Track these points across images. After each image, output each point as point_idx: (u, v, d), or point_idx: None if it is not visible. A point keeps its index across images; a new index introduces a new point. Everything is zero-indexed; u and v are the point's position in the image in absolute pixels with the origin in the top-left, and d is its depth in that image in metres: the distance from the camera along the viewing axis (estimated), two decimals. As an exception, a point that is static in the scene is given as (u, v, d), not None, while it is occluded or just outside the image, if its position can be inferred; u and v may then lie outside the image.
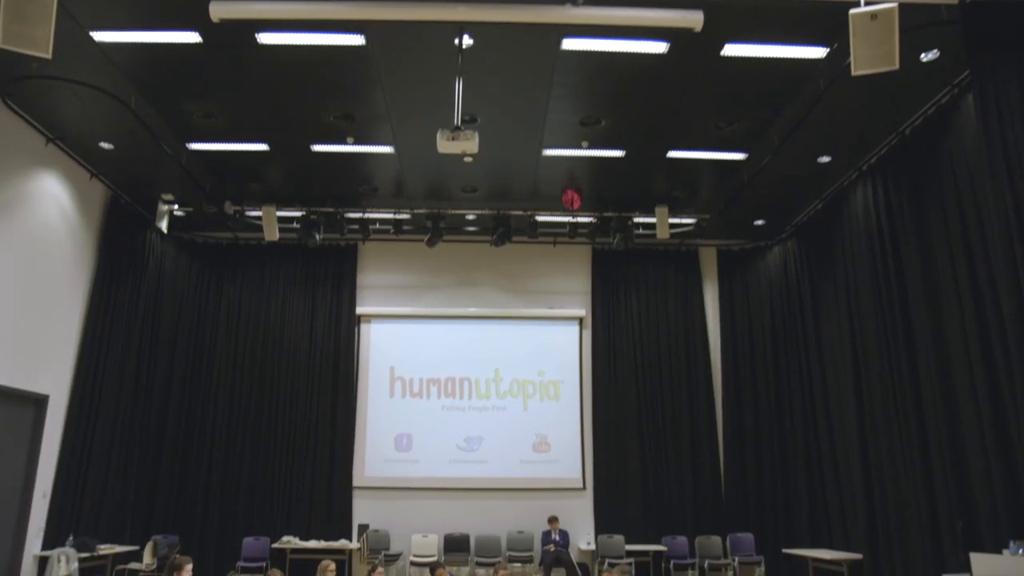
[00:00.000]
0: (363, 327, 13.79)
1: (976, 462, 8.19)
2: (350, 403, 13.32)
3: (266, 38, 8.06)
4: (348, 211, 12.58)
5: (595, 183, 11.88)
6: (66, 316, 10.91)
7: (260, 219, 12.34)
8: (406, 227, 13.01)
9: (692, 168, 11.32)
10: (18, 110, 9.51)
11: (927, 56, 8.19)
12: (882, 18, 6.08)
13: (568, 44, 8.15)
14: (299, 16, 7.12)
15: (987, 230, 7.92)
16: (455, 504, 12.98)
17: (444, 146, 7.51)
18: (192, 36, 8.04)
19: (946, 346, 8.78)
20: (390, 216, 12.76)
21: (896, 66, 6.29)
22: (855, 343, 10.81)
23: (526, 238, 13.26)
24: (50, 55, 5.95)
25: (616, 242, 12.58)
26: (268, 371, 13.34)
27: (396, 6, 7.09)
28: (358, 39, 8.04)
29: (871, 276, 10.31)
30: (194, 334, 13.39)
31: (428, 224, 12.51)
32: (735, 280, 14.06)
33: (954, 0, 7.23)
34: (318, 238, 12.48)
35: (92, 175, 11.26)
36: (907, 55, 6.91)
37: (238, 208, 12.41)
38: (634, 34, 7.96)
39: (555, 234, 13.50)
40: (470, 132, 7.42)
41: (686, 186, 11.97)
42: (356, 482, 13.05)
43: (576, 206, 11.86)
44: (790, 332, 12.99)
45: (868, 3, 6.24)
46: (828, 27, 7.73)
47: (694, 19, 7.25)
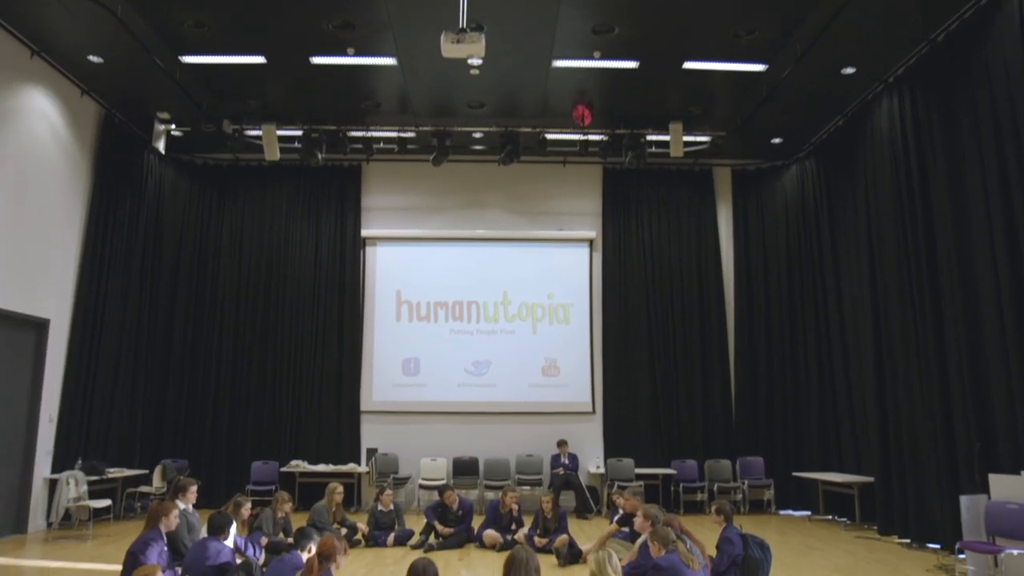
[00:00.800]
0: (368, 250, 13.51)
1: (997, 384, 7.94)
2: (357, 327, 13.13)
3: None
4: (351, 129, 12.13)
5: (607, 98, 11.38)
6: (63, 239, 10.64)
7: (260, 138, 11.92)
8: (411, 146, 12.58)
9: (709, 81, 10.80)
10: (-1, 19, 9.05)
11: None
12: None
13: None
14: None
15: (1025, 145, 7.49)
16: (464, 428, 12.91)
17: (449, 50, 7.05)
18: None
19: (972, 266, 8.44)
20: (394, 134, 12.32)
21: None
22: (874, 265, 10.47)
23: (535, 157, 12.90)
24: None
25: (628, 160, 12.15)
26: (273, 295, 13.13)
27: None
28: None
29: (893, 195, 9.89)
30: (197, 258, 13.15)
31: (434, 142, 12.07)
32: (750, 201, 13.65)
33: None
34: (320, 157, 12.07)
35: (83, 92, 10.83)
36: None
37: (237, 127, 11.98)
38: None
39: (565, 153, 13.07)
40: (476, 35, 6.95)
41: (702, 101, 11.47)
42: (364, 406, 12.97)
43: (587, 122, 11.38)
44: (805, 254, 12.65)
45: None
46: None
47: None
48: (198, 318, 12.99)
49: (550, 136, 12.27)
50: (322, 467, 12.22)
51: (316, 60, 10.18)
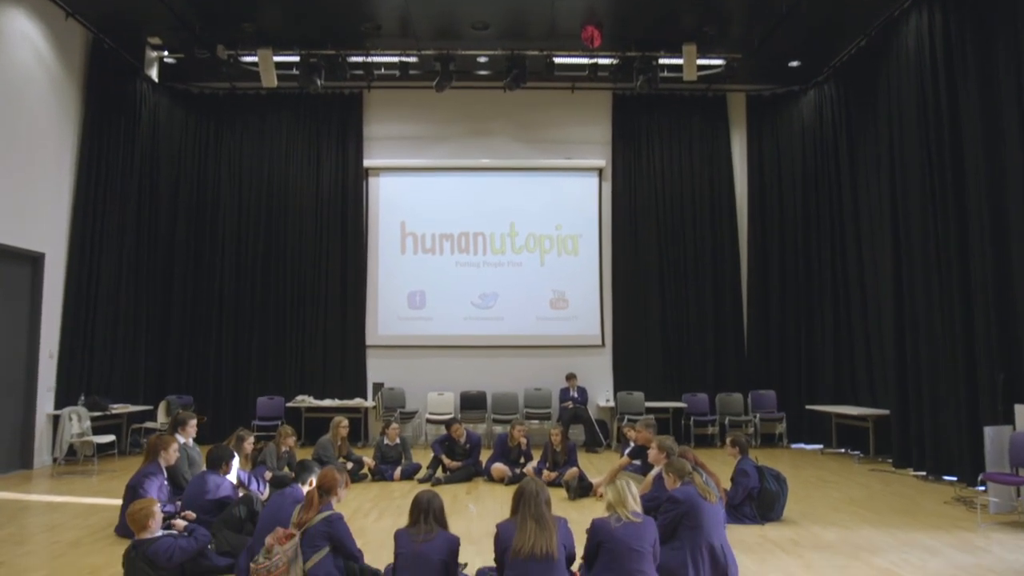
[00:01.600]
0: (371, 181, 13.14)
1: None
2: (360, 260, 12.86)
3: None
4: (350, 54, 11.63)
5: (617, 18, 10.85)
6: (54, 170, 10.32)
7: (256, 65, 11.47)
8: (413, 72, 12.08)
9: (725, -2, 10.27)
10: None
11: None
12: None
13: None
14: None
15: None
16: (471, 362, 12.74)
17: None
18: None
19: (1002, 194, 8.05)
20: (396, 59, 11.80)
21: None
22: (895, 193, 10.06)
23: (542, 83, 12.42)
24: None
25: (639, 85, 11.67)
26: (274, 229, 12.83)
27: None
28: None
29: (918, 120, 9.42)
30: (195, 190, 12.81)
31: (437, 67, 11.57)
32: (765, 128, 13.16)
33: None
34: (319, 83, 11.61)
35: (68, 14, 10.35)
36: None
37: (232, 52, 11.51)
38: None
39: (573, 78, 12.57)
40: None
41: (717, 21, 10.91)
42: (369, 341, 12.78)
43: (596, 44, 10.87)
44: (822, 183, 12.22)
45: None
46: None
47: None
48: (199, 252, 12.72)
49: (558, 60, 11.73)
50: (328, 402, 12.10)
51: (312, -22, 9.69)
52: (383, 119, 13.16)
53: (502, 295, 12.92)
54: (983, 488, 7.56)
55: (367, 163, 13.03)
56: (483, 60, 12.16)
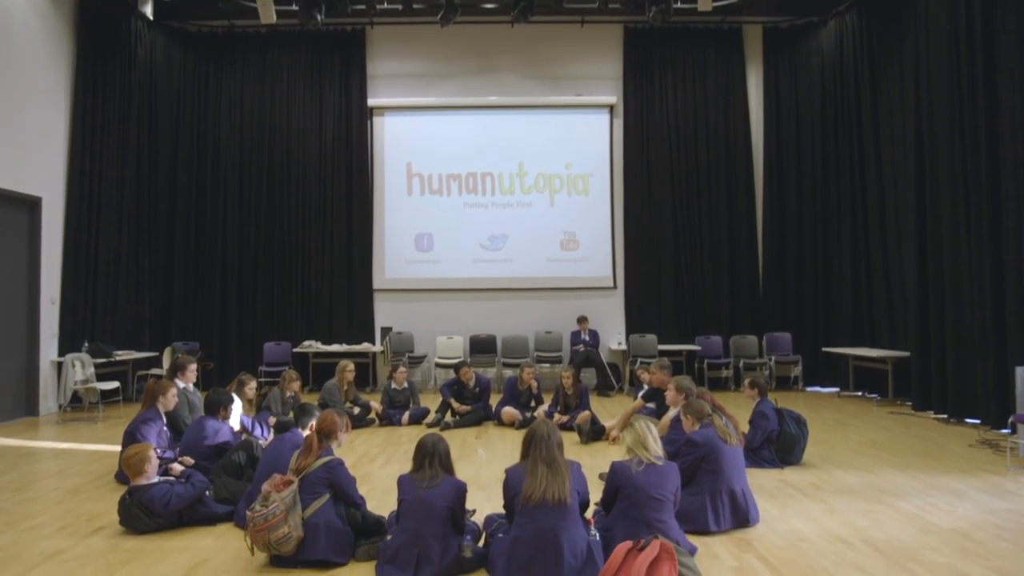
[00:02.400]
0: (376, 120, 12.74)
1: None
2: (366, 202, 12.54)
3: None
4: (350, -14, 11.17)
5: (630, -57, 10.32)
6: (48, 113, 10.03)
7: (254, 0, 11.00)
8: (417, 5, 11.61)
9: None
10: None
11: None
12: None
13: None
14: None
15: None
16: (480, 305, 12.52)
17: None
18: None
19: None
20: (398, -8, 11.33)
21: None
22: (920, 126, 9.60)
23: (551, 16, 11.96)
24: None
25: (651, 17, 11.16)
26: (277, 171, 12.51)
27: None
28: None
29: (949, 51, 8.89)
30: (195, 132, 12.46)
31: (441, 0, 11.08)
32: (782, 62, 12.63)
33: None
34: (319, 19, 11.14)
35: (55, -54, 9.93)
36: None
37: (228, -14, 11.05)
38: None
39: (583, 11, 12.07)
40: None
41: (735, -55, 10.38)
42: (377, 284, 12.55)
43: (608, -28, 10.36)
44: (842, 119, 11.73)
45: None
46: None
47: None
48: (201, 196, 12.43)
49: (568, -10, 11.25)
50: (335, 347, 11.93)
51: (307, -98, 9.19)
52: (387, 56, 12.70)
53: (511, 237, 12.61)
54: (1010, 431, 7.31)
55: (371, 102, 12.61)
56: (489, -9, 11.66)
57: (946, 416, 8.91)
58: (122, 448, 5.91)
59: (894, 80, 10.40)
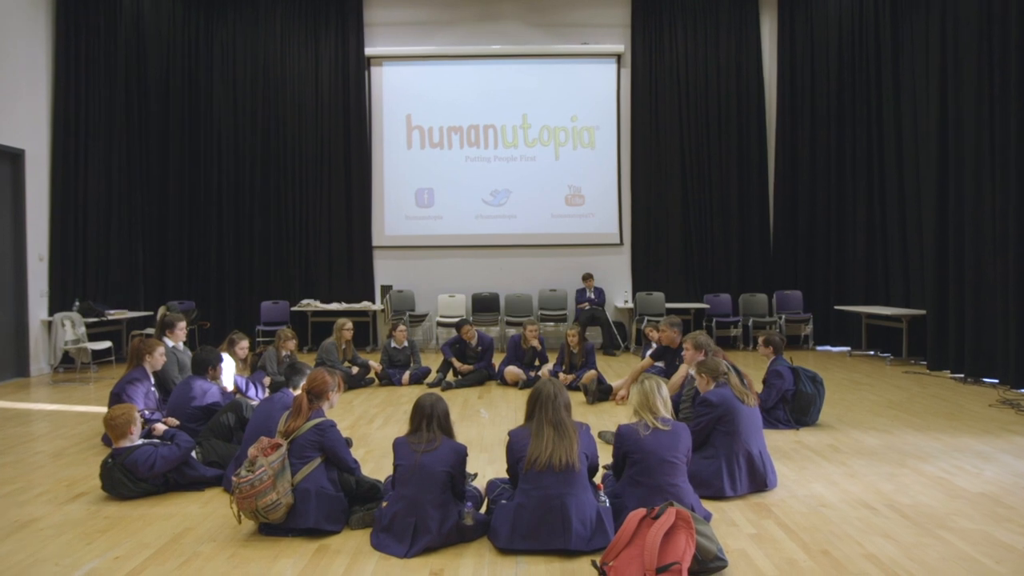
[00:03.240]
0: (373, 71, 12.28)
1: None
2: (364, 156, 12.14)
3: None
4: (345, -72, 10.66)
5: None
6: (28, 59, 9.62)
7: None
8: (415, -52, 11.10)
9: None
10: None
11: None
12: None
13: None
14: None
15: None
16: (483, 262, 12.21)
17: None
18: None
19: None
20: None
21: None
22: (945, 76, 9.10)
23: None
24: None
25: (662, -40, 10.65)
26: (272, 124, 12.10)
27: None
28: None
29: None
30: (187, 85, 12.00)
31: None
32: (797, 9, 12.10)
33: None
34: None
35: None
36: None
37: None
38: None
39: (590, -46, 11.55)
40: None
41: None
42: (376, 241, 12.22)
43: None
44: (860, 71, 11.18)
45: None
46: None
47: None
48: (194, 151, 12.02)
49: (573, -69, 10.73)
50: (335, 306, 11.65)
51: None
52: (385, 3, 12.20)
53: (515, 192, 12.23)
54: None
55: (369, 51, 12.14)
56: (491, -67, 11.14)
57: (963, 375, 8.63)
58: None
59: (918, 26, 9.88)
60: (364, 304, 11.77)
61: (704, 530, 3.48)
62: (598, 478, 4.22)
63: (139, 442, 4.63)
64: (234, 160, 12.05)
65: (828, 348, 11.57)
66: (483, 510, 4.12)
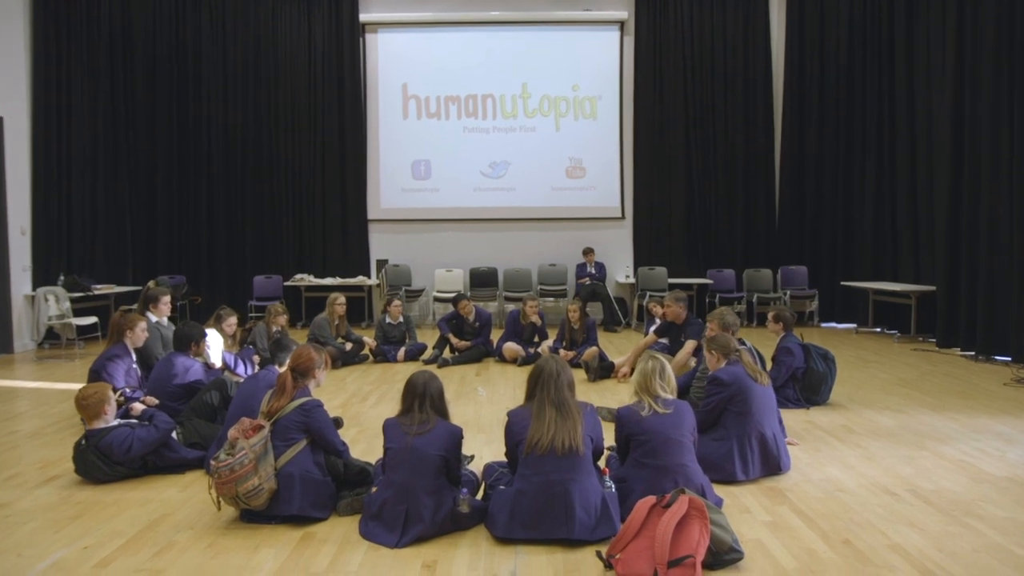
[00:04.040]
0: (368, 38, 11.90)
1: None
2: (359, 127, 11.80)
3: None
4: None
5: None
6: (4, 20, 9.26)
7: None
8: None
9: None
10: None
11: None
12: None
13: None
14: None
15: None
16: (481, 236, 11.92)
17: None
18: None
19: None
20: None
21: None
22: (963, 49, 8.74)
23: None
24: None
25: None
26: (264, 94, 11.73)
27: None
28: None
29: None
30: (174, 51, 11.57)
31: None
32: (808, -25, 11.72)
33: None
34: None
35: None
36: None
37: None
38: None
39: (592, -84, 11.14)
40: None
41: None
42: (371, 214, 11.91)
43: None
44: (872, 40, 10.79)
45: None
46: None
47: None
48: (182, 120, 11.65)
49: None
50: (329, 280, 11.37)
51: None
52: (380, -33, 11.82)
53: (514, 163, 11.91)
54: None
55: (363, 17, 11.73)
56: None
57: (973, 353, 8.39)
58: (87, 387, 5.37)
59: None
60: (359, 279, 11.49)
61: (718, 519, 3.24)
62: (602, 462, 3.97)
63: (114, 423, 4.37)
64: (224, 129, 11.69)
65: (833, 325, 11.32)
66: (480, 496, 3.87)
